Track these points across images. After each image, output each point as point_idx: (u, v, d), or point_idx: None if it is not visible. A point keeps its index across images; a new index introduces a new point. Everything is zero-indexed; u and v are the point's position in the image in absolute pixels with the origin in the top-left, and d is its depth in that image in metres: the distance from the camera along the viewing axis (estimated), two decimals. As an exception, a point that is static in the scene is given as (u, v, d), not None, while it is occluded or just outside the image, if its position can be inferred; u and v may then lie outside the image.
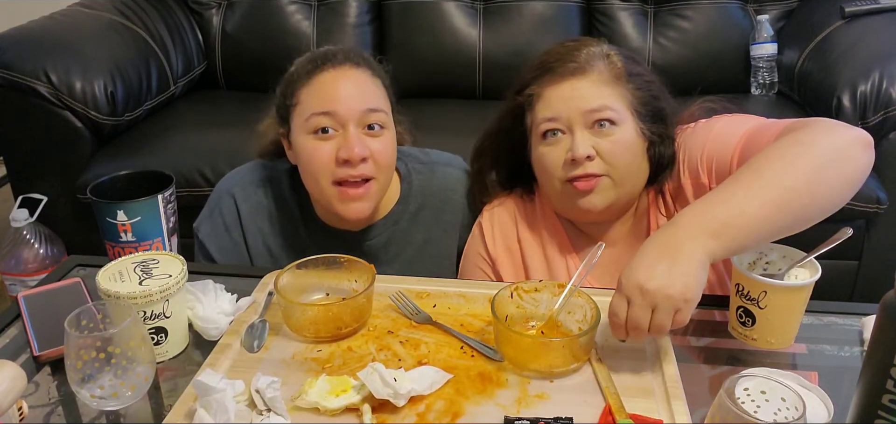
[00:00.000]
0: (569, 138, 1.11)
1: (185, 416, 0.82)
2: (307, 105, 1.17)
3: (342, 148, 1.14)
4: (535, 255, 1.23)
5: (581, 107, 1.10)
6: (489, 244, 1.24)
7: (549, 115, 1.12)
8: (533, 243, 1.23)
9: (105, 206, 1.11)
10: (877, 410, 0.72)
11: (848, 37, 2.09)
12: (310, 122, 1.15)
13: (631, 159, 1.11)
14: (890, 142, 1.87)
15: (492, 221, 1.26)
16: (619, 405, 0.83)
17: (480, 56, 2.43)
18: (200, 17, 2.55)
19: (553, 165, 1.13)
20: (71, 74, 2.00)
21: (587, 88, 1.11)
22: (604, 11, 2.44)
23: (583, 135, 1.10)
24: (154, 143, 2.10)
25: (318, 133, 1.16)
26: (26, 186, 2.05)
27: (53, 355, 0.95)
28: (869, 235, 1.90)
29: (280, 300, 0.97)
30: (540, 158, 1.15)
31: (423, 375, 0.86)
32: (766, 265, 0.97)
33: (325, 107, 1.14)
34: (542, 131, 1.13)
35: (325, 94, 1.16)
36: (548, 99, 1.13)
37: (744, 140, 1.06)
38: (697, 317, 1.05)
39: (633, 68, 1.15)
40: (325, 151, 1.15)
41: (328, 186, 1.17)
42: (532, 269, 1.22)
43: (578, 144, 1.09)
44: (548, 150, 1.13)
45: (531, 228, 1.24)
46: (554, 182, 1.14)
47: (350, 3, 2.49)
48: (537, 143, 1.15)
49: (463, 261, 1.30)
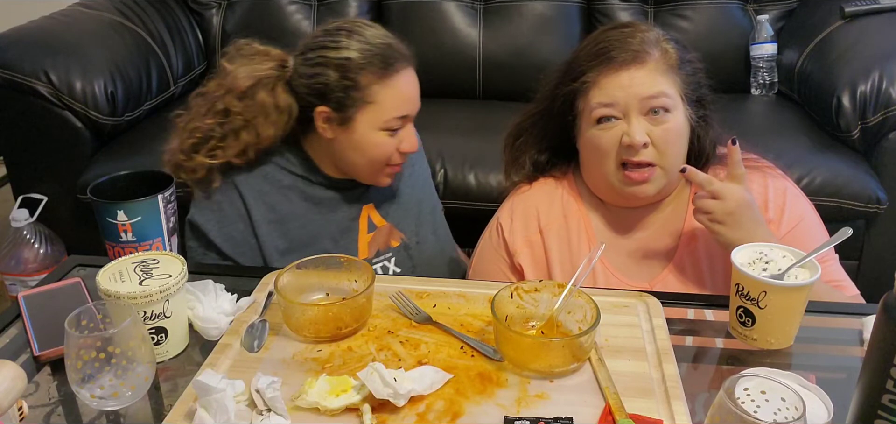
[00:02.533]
0: (623, 124, 1.12)
1: (185, 416, 0.82)
2: (384, 107, 1.26)
3: (405, 141, 1.30)
4: (558, 244, 1.23)
5: (638, 94, 1.11)
6: (508, 238, 1.25)
7: (606, 101, 1.13)
8: (557, 233, 1.23)
9: (105, 206, 1.12)
10: (877, 410, 0.72)
11: (848, 37, 2.09)
12: (389, 123, 1.27)
13: (680, 146, 1.15)
14: (890, 142, 1.87)
15: (512, 214, 1.27)
16: (619, 405, 0.83)
17: (480, 56, 2.43)
18: (200, 17, 2.55)
19: (607, 148, 1.14)
20: (71, 74, 2.00)
21: (645, 77, 1.12)
22: (604, 11, 2.44)
23: (639, 122, 1.11)
24: (154, 143, 2.08)
25: (389, 132, 1.28)
26: (26, 186, 2.05)
27: (53, 355, 0.95)
28: (869, 235, 1.90)
29: (280, 300, 0.97)
30: (593, 140, 1.16)
31: (423, 375, 0.86)
32: (766, 264, 0.97)
33: (406, 110, 1.29)
34: (598, 117, 1.14)
35: (405, 97, 1.29)
36: (604, 86, 1.13)
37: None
38: (698, 317, 1.05)
39: (684, 55, 1.17)
40: (390, 145, 1.29)
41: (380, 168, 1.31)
42: (552, 261, 1.22)
43: (635, 131, 1.10)
44: (602, 133, 1.14)
45: (556, 217, 1.24)
46: (607, 165, 1.15)
47: (350, 3, 2.49)
48: (588, 126, 1.16)
49: (477, 258, 1.31)
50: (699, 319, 1.05)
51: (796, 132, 2.01)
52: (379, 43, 1.27)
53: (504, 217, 1.28)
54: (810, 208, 1.21)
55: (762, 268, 0.96)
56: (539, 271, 1.24)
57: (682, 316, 1.05)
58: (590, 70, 1.15)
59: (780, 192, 1.18)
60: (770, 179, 1.20)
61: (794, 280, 0.94)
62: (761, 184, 1.19)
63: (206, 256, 1.32)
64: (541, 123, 1.27)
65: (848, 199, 1.80)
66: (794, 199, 1.19)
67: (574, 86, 1.17)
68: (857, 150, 1.92)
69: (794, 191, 1.21)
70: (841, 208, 1.81)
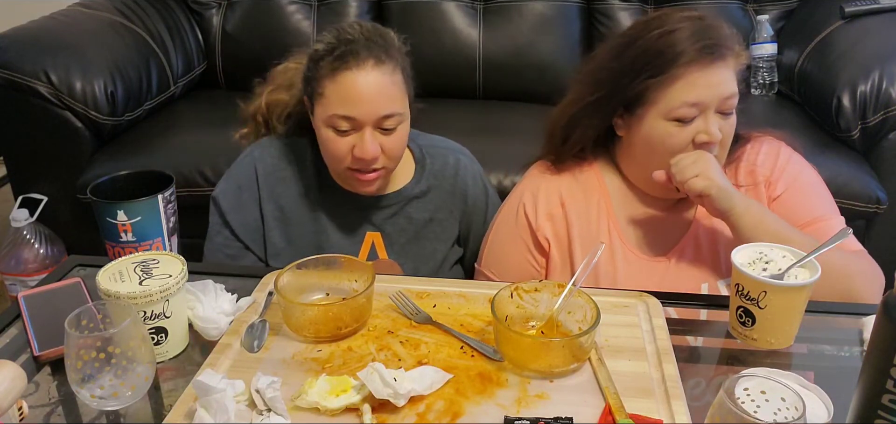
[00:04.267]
0: (700, 121, 1.12)
1: (185, 416, 0.82)
2: (330, 102, 1.22)
3: (357, 147, 1.22)
4: (578, 220, 1.23)
5: (722, 94, 1.11)
6: (530, 215, 1.25)
7: (693, 100, 1.11)
8: (577, 209, 1.23)
9: (105, 206, 1.12)
10: (877, 410, 0.72)
11: (848, 37, 2.09)
12: (330, 119, 1.22)
13: (731, 140, 1.16)
14: (890, 142, 1.87)
15: (536, 193, 1.26)
16: (619, 405, 0.83)
17: (480, 56, 2.43)
18: (200, 17, 2.55)
19: (678, 147, 1.13)
20: (71, 74, 2.00)
21: (728, 77, 1.12)
22: (604, 11, 2.44)
23: (714, 119, 1.12)
24: (154, 143, 2.10)
25: (337, 130, 1.23)
26: (26, 186, 2.05)
27: (53, 355, 0.95)
28: (869, 235, 1.90)
29: (280, 300, 0.97)
30: (665, 136, 1.13)
31: (423, 375, 0.86)
32: (766, 264, 0.97)
33: (346, 111, 1.21)
34: (680, 116, 1.12)
35: (347, 97, 1.21)
36: (694, 82, 1.10)
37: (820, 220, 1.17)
38: (697, 317, 1.05)
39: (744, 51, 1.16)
40: (342, 146, 1.24)
41: (342, 170, 1.27)
42: (573, 236, 1.22)
43: (713, 128, 1.11)
44: (678, 131, 1.13)
45: (577, 192, 1.24)
46: (667, 159, 1.14)
47: (350, 3, 2.49)
48: (657, 118, 1.13)
49: (494, 240, 1.31)
50: (699, 319, 1.05)
51: (796, 132, 2.00)
52: (346, 37, 1.23)
53: (526, 196, 1.26)
54: (809, 169, 1.22)
55: (762, 268, 0.96)
56: (560, 245, 1.24)
57: (682, 316, 1.05)
58: (680, 59, 1.10)
59: (772, 152, 1.21)
60: (764, 143, 1.22)
61: (794, 280, 0.94)
62: (754, 150, 1.21)
63: (221, 232, 1.36)
64: (598, 113, 1.21)
65: (848, 199, 1.80)
66: (789, 158, 1.20)
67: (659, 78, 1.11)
68: (857, 150, 1.92)
69: (789, 152, 1.22)
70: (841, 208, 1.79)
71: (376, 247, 1.37)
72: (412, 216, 1.37)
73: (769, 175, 1.20)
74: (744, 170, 1.22)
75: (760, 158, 1.21)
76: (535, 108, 2.15)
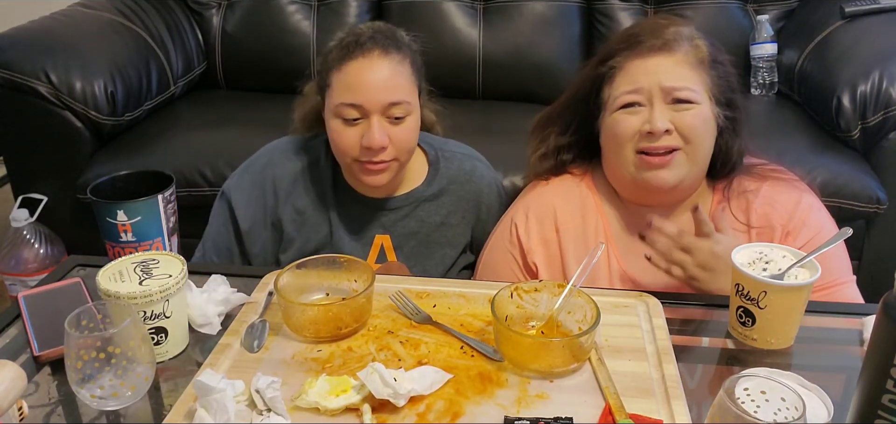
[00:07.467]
0: (646, 111, 1.12)
1: (185, 416, 0.82)
2: (336, 92, 1.23)
3: (365, 136, 1.22)
4: (574, 245, 1.22)
5: (662, 82, 1.11)
6: (523, 237, 1.24)
7: (631, 87, 1.13)
8: (573, 233, 1.22)
9: (105, 206, 1.12)
10: (877, 410, 0.72)
11: (848, 37, 2.09)
12: (338, 109, 1.23)
13: (706, 136, 1.14)
14: (890, 142, 1.87)
15: (528, 212, 1.25)
16: (619, 405, 0.83)
17: (480, 56, 2.43)
18: (200, 17, 2.55)
19: (627, 133, 1.13)
20: (71, 74, 1.99)
21: (671, 66, 1.12)
22: (604, 11, 2.44)
23: (662, 109, 1.11)
24: (154, 143, 2.10)
25: (345, 120, 1.23)
26: (26, 186, 2.05)
27: (53, 355, 0.95)
28: (869, 235, 1.90)
29: (280, 300, 0.97)
30: (613, 125, 1.15)
31: (423, 375, 0.86)
32: (766, 264, 0.97)
33: (352, 98, 1.22)
34: (622, 103, 1.14)
35: (353, 84, 1.22)
36: (630, 72, 1.14)
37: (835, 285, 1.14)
38: (697, 317, 1.05)
39: (717, 56, 1.17)
40: (350, 136, 1.24)
41: (351, 162, 1.27)
42: (568, 261, 1.21)
43: (657, 117, 1.10)
44: (624, 117, 1.13)
45: (573, 215, 1.23)
46: (625, 151, 1.14)
47: (350, 3, 2.49)
48: (611, 112, 1.16)
49: (488, 255, 1.30)
50: (699, 319, 1.05)
51: (796, 132, 2.01)
52: (355, 32, 1.26)
53: (519, 216, 1.25)
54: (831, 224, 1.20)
55: (762, 268, 0.96)
56: (553, 270, 1.22)
57: (682, 316, 1.05)
58: (618, 54, 1.15)
59: (792, 198, 1.18)
60: (785, 186, 1.20)
61: (794, 280, 0.94)
62: (773, 190, 1.18)
63: (225, 226, 1.37)
64: (568, 112, 1.26)
65: (848, 199, 1.80)
66: (810, 209, 1.18)
67: (601, 70, 1.17)
68: (857, 150, 1.92)
69: (810, 201, 1.20)
70: (841, 208, 1.80)
71: (386, 250, 1.36)
72: (423, 219, 1.36)
73: (787, 223, 1.16)
74: (758, 211, 1.18)
75: (779, 201, 1.18)
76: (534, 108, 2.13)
